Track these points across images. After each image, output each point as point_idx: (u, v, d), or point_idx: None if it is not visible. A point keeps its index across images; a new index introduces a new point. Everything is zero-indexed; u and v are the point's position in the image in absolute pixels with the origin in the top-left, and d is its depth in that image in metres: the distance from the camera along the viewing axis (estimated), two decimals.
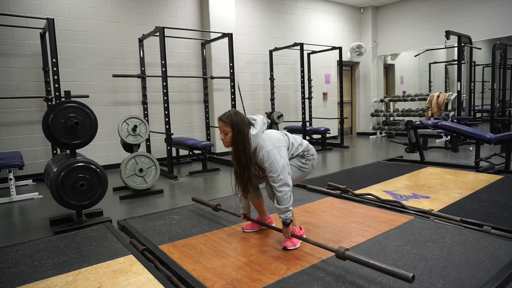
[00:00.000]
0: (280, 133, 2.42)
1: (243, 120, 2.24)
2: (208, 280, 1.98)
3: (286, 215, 2.24)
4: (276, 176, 2.19)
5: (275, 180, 2.20)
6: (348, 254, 1.93)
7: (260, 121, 2.31)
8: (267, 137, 2.29)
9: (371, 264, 1.80)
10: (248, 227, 2.70)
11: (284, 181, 2.20)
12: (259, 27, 7.61)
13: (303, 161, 2.46)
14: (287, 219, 2.26)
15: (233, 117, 2.23)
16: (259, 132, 2.27)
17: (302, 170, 2.47)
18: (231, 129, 2.22)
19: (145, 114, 5.83)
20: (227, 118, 2.22)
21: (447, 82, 10.67)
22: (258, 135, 2.25)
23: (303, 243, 2.40)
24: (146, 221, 3.08)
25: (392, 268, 1.71)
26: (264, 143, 2.24)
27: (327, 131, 7.41)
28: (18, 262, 2.31)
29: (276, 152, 2.22)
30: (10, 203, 4.07)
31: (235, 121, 2.21)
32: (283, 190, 2.20)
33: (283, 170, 2.20)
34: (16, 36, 5.03)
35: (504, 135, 4.43)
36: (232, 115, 2.24)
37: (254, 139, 2.24)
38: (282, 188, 2.20)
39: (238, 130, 2.21)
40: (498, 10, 7.53)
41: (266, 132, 2.34)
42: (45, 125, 2.98)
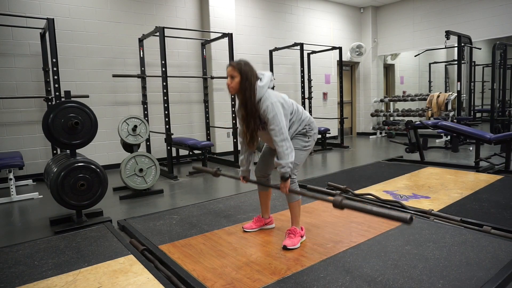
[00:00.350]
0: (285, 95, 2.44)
1: (252, 70, 2.27)
2: (208, 280, 1.98)
3: (285, 170, 2.22)
4: (278, 129, 2.20)
5: (276, 134, 2.20)
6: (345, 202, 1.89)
7: (268, 76, 2.33)
8: (273, 92, 2.31)
9: (368, 210, 1.77)
10: (248, 227, 2.70)
11: (286, 135, 2.21)
12: (259, 27, 7.61)
13: (305, 139, 2.44)
14: (285, 173, 2.23)
15: (243, 64, 2.26)
16: (265, 85, 2.28)
17: (306, 149, 2.45)
18: (239, 74, 2.24)
19: (145, 114, 5.83)
20: (237, 64, 2.25)
21: (447, 82, 10.67)
22: (264, 87, 2.27)
23: (304, 243, 2.40)
24: (146, 221, 3.08)
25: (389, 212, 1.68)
26: (269, 96, 2.26)
27: (327, 131, 7.41)
28: (18, 262, 2.31)
29: (279, 106, 2.24)
30: (10, 203, 4.07)
31: (245, 68, 2.24)
32: (284, 144, 2.20)
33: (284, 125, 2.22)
34: (16, 36, 5.03)
35: (504, 135, 4.43)
36: (242, 62, 2.27)
37: (260, 90, 2.25)
38: (283, 143, 2.20)
39: (246, 77, 2.23)
40: (498, 10, 7.53)
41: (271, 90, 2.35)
42: (45, 125, 2.98)
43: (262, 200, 2.69)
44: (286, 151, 2.20)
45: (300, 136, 2.43)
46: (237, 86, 2.26)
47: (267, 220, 2.72)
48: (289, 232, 2.42)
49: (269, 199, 2.69)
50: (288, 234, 2.43)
